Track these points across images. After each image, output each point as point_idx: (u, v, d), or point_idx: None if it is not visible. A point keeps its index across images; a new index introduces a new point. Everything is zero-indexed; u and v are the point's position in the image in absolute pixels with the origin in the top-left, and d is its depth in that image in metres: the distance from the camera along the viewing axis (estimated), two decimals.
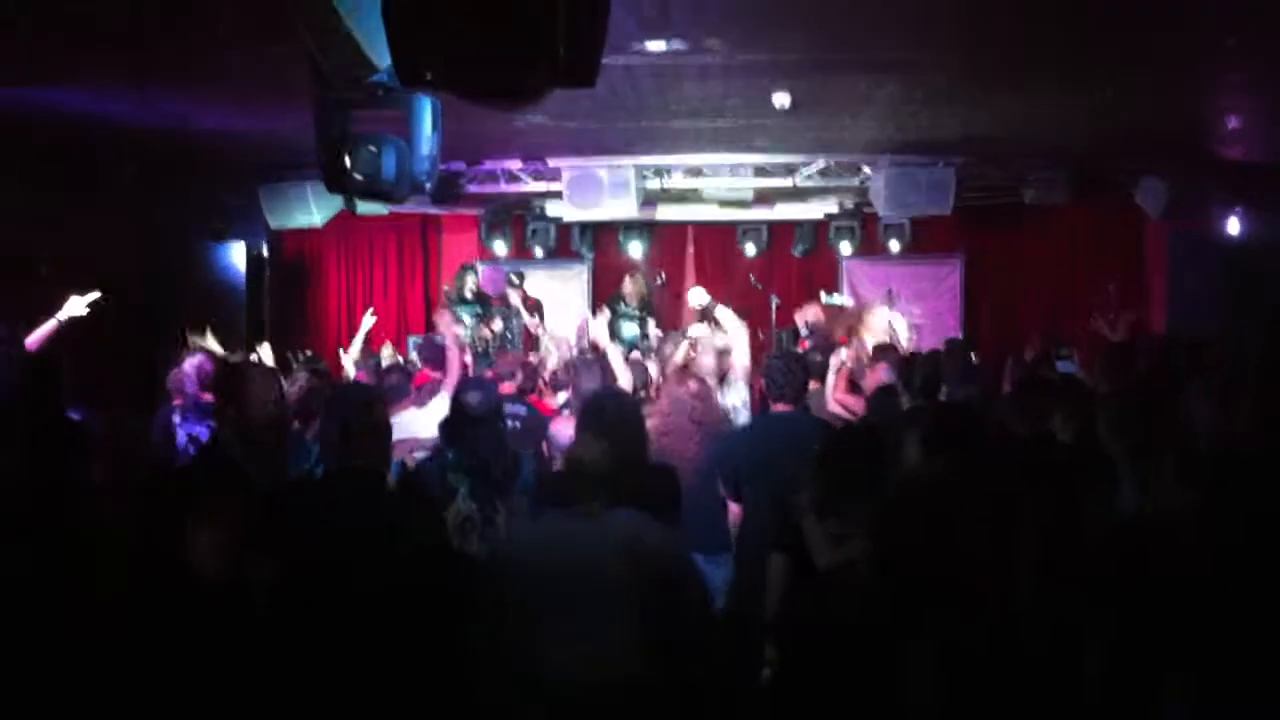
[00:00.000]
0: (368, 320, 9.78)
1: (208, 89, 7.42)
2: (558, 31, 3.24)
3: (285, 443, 5.16)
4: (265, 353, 9.34)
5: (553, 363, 9.41)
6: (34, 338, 7.15)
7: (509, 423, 6.48)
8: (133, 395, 7.92)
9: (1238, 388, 5.03)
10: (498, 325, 11.71)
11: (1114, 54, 6.80)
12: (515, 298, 11.88)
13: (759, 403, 7.17)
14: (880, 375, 7.04)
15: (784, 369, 5.71)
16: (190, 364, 7.27)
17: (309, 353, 10.25)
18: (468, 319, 11.68)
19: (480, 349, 11.18)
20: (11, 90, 7.21)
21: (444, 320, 8.06)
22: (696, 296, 7.79)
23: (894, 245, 12.86)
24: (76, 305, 7.39)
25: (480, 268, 12.90)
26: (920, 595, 4.08)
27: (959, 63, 7.02)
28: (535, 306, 12.05)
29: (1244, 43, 6.42)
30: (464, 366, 7.99)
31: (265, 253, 12.38)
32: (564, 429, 5.39)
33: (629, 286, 12.43)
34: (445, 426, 5.27)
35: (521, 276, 12.02)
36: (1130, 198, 11.13)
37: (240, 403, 4.87)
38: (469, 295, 12.03)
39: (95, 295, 7.46)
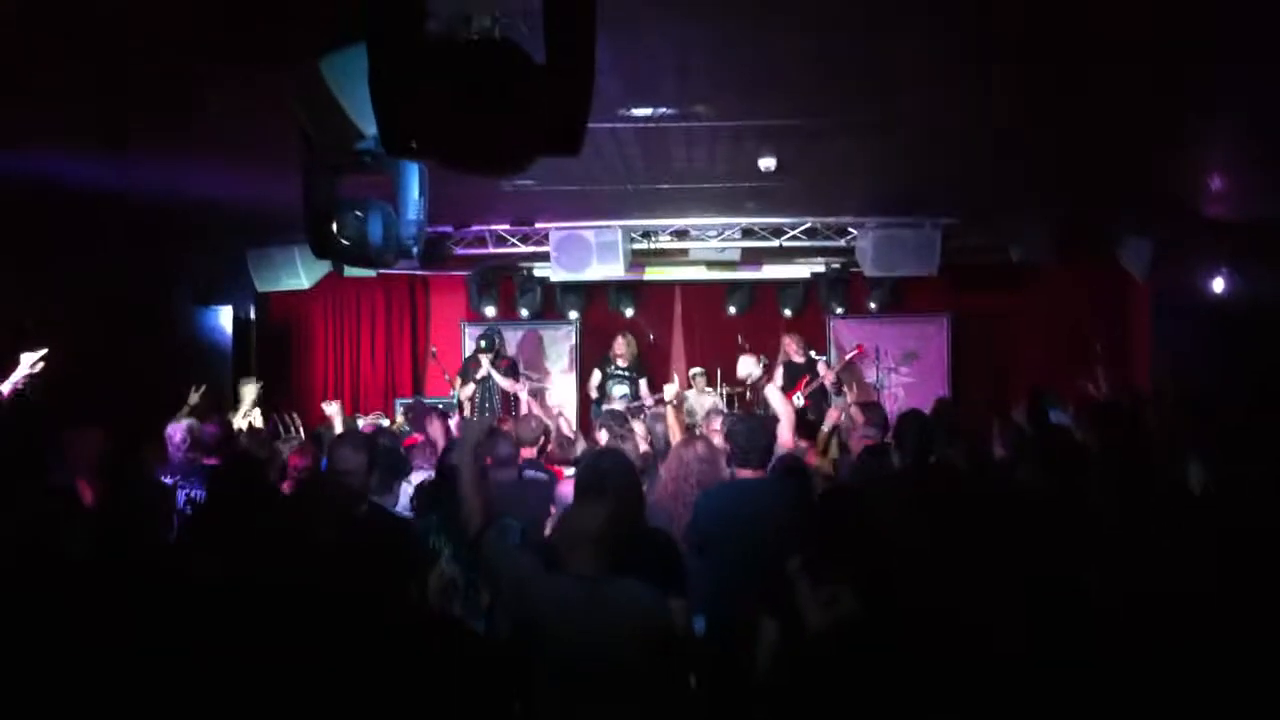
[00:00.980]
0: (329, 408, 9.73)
1: (195, 156, 7.43)
2: (544, 100, 3.26)
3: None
4: (255, 417, 9.33)
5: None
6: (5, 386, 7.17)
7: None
8: (117, 459, 7.85)
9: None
10: (468, 390, 11.59)
11: (1100, 119, 6.85)
12: (485, 362, 11.69)
13: None
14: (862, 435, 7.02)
15: (747, 433, 5.62)
16: (179, 428, 7.23)
17: (295, 416, 10.23)
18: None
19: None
20: None
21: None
22: (746, 367, 7.72)
23: (880, 304, 12.93)
24: (26, 364, 7.32)
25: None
26: (915, 657, 4.06)
27: (943, 128, 7.07)
28: (509, 368, 11.90)
29: (1230, 106, 6.50)
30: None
31: (252, 315, 12.36)
32: (569, 490, 5.36)
33: (621, 348, 12.44)
34: (431, 489, 5.25)
35: (491, 341, 11.84)
36: (1115, 258, 11.19)
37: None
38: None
39: (43, 352, 7.41)
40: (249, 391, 9.28)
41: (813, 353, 11.93)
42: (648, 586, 4.05)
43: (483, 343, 11.71)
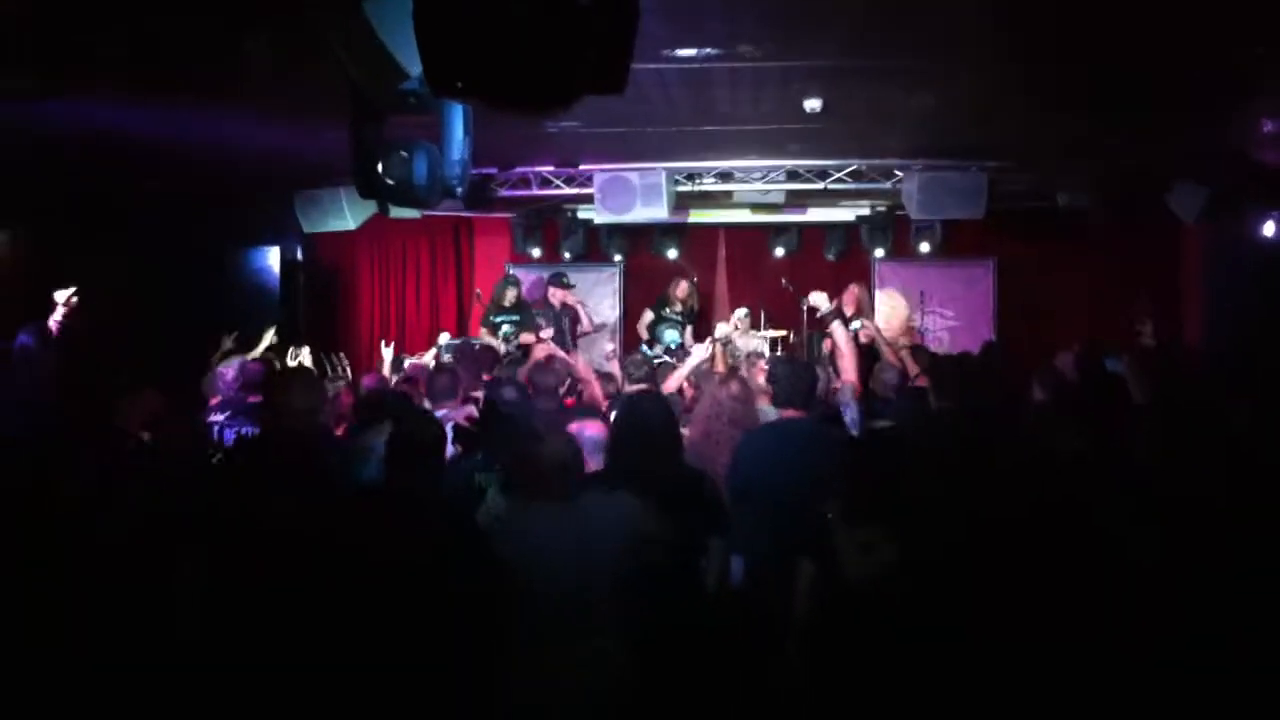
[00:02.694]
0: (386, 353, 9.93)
1: (243, 103, 7.47)
2: (588, 39, 3.27)
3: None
4: (305, 357, 9.45)
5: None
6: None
7: None
8: (169, 401, 8.01)
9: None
10: (547, 332, 11.74)
11: (1148, 67, 6.77)
12: (557, 299, 11.90)
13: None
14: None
15: (790, 375, 5.61)
16: (231, 367, 7.35)
17: (343, 356, 10.35)
18: (506, 328, 11.72)
19: (518, 355, 11.20)
20: (43, 105, 7.29)
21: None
22: (818, 299, 7.78)
23: (925, 248, 12.83)
24: (59, 299, 7.59)
25: (521, 278, 12.90)
26: (952, 608, 4.09)
27: (992, 74, 7.00)
28: (574, 313, 12.08)
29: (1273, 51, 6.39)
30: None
31: (299, 257, 12.47)
32: (591, 428, 5.41)
33: (683, 292, 12.41)
34: (477, 425, 5.32)
35: (566, 281, 12.01)
36: (1164, 202, 11.04)
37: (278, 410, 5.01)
38: (508, 304, 12.00)
39: (71, 290, 7.65)
40: (267, 335, 9.44)
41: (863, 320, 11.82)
42: (619, 494, 4.23)
43: (565, 280, 11.88)
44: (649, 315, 12.48)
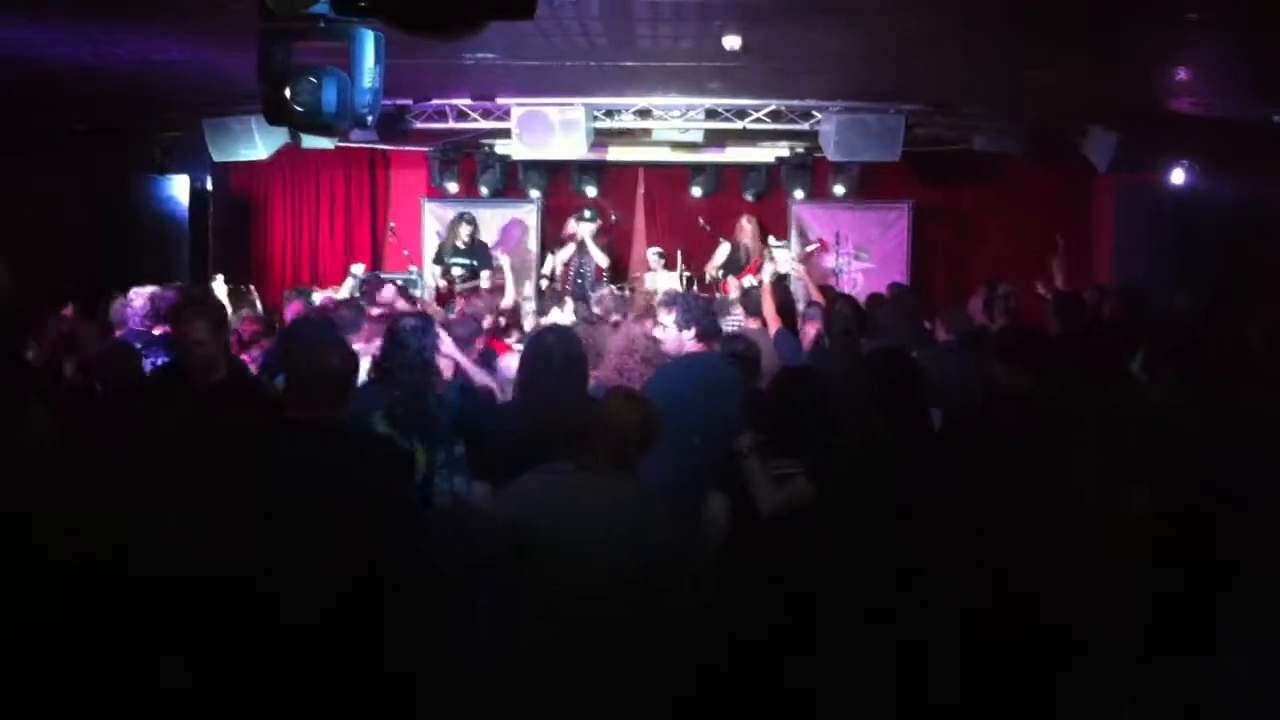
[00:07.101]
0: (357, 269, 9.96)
1: (150, 22, 7.24)
2: None
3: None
4: (219, 287, 9.30)
5: (508, 302, 9.45)
6: None
7: None
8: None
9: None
10: (564, 255, 12.02)
11: (1068, 15, 6.80)
12: (586, 232, 11.89)
13: None
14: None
15: (686, 304, 5.67)
16: (141, 295, 7.19)
17: (252, 288, 10.21)
18: (457, 271, 11.58)
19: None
20: None
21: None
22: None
23: (843, 190, 12.89)
24: None
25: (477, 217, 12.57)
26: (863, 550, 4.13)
27: (912, 15, 6.99)
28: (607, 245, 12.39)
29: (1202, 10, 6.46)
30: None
31: (209, 186, 12.18)
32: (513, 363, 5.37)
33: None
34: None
35: (595, 212, 12.18)
36: (1079, 149, 11.16)
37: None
38: (461, 245, 11.85)
39: None
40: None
41: (771, 239, 11.92)
42: (651, 492, 3.97)
43: (586, 213, 12.05)
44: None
